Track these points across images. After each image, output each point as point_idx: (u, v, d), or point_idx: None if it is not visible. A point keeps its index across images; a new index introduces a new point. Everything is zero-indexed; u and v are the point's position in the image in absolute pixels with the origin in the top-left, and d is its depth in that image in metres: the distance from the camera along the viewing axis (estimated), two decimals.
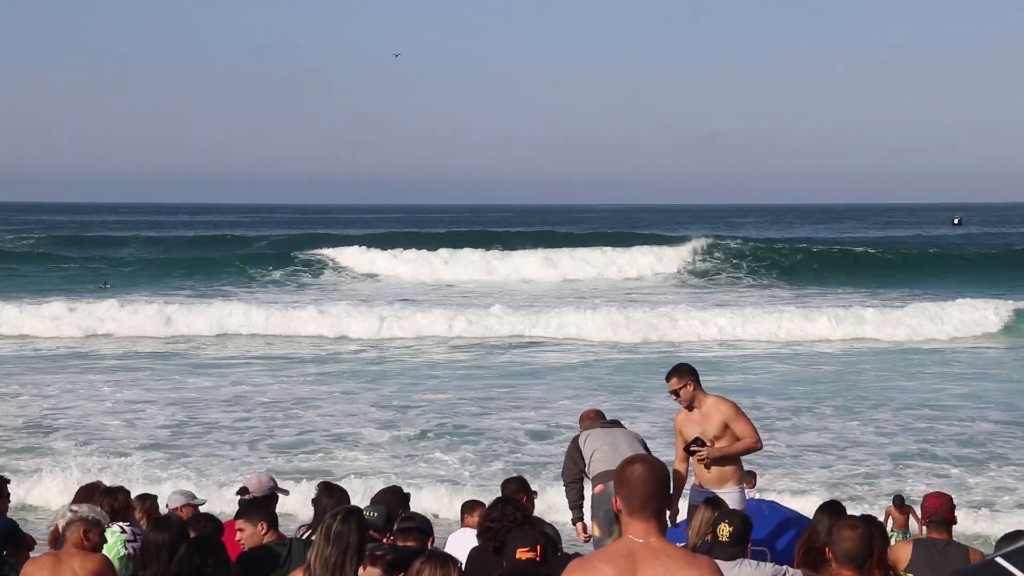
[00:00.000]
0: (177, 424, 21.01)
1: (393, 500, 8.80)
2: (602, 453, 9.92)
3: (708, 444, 9.44)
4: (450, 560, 6.10)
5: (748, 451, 9.53)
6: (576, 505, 10.15)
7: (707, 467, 9.50)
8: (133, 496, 9.20)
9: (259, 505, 8.01)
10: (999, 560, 5.01)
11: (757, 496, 12.34)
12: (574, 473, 10.18)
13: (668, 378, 9.72)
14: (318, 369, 28.22)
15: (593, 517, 9.97)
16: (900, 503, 14.26)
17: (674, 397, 9.69)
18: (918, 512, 10.39)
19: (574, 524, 10.22)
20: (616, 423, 10.41)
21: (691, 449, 9.54)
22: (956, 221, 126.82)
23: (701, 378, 9.76)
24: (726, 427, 9.46)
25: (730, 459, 9.50)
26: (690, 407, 9.62)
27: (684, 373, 9.64)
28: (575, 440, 10.24)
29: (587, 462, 10.04)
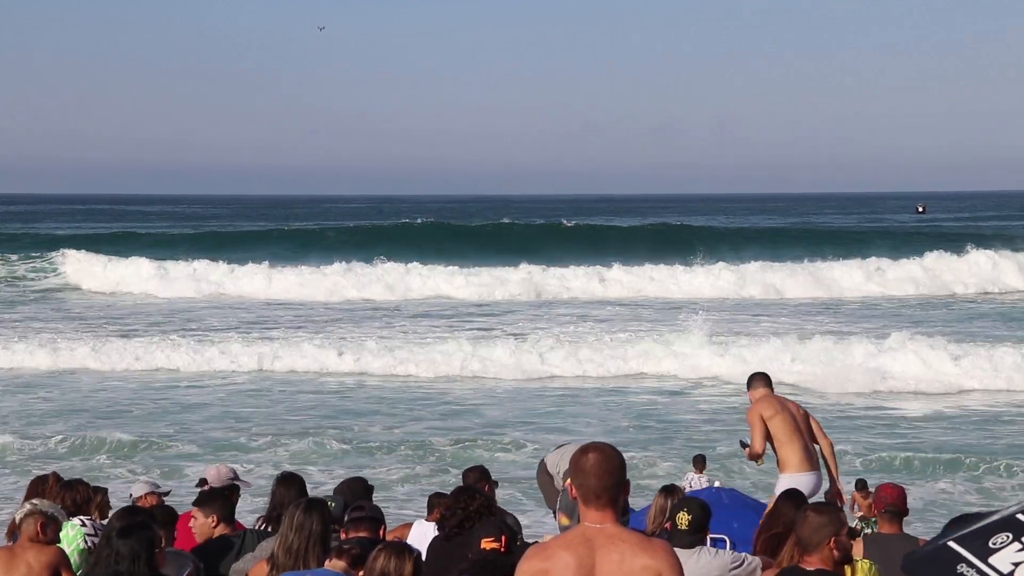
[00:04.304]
0: None
1: (355, 491, 8.78)
2: (569, 450, 9.96)
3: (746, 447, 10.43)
4: (407, 550, 6.10)
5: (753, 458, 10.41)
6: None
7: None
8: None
9: (214, 497, 8.00)
10: (951, 544, 5.03)
11: (717, 484, 12.42)
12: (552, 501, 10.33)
13: None
14: None
15: (560, 508, 10.02)
16: (863, 487, 13.92)
17: None
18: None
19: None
20: None
21: None
22: (920, 209, 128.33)
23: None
24: None
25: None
26: None
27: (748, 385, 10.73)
28: (542, 466, 10.34)
29: (557, 469, 10.13)
